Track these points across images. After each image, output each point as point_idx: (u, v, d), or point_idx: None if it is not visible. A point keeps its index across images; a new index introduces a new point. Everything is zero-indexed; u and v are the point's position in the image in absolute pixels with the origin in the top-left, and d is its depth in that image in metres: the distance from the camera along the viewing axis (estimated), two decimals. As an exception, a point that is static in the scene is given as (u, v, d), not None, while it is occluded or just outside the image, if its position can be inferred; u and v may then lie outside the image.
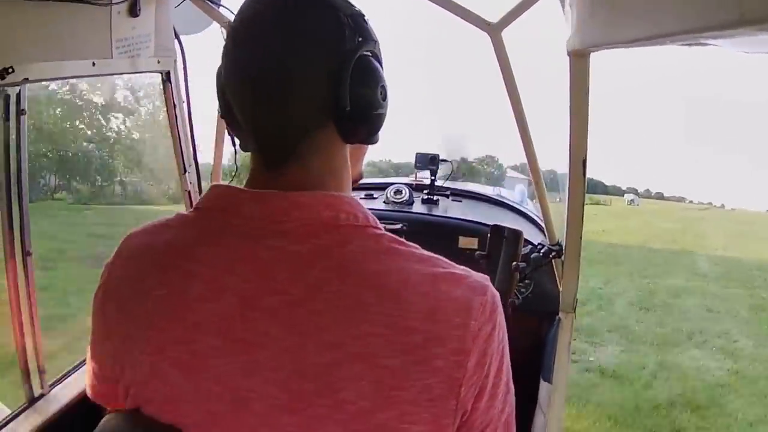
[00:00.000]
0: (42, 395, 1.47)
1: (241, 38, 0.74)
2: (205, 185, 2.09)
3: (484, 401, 0.71)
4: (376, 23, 0.80)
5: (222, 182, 0.78)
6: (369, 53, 0.76)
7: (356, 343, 0.65)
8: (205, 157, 2.16)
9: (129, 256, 0.77)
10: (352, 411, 0.65)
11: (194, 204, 0.78)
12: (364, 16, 0.76)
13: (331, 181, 0.76)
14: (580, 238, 1.74)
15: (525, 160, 1.84)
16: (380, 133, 0.80)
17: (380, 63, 0.78)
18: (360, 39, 0.74)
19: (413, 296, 0.67)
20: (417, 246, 0.74)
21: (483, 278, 0.74)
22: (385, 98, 0.77)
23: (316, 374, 0.65)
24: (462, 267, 0.74)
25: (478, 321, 0.69)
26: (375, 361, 0.65)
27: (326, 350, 0.65)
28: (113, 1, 1.41)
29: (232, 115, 0.77)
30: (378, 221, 0.75)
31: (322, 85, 0.72)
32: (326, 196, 0.73)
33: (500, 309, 0.73)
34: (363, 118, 0.75)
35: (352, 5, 0.76)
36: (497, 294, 0.73)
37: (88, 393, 0.84)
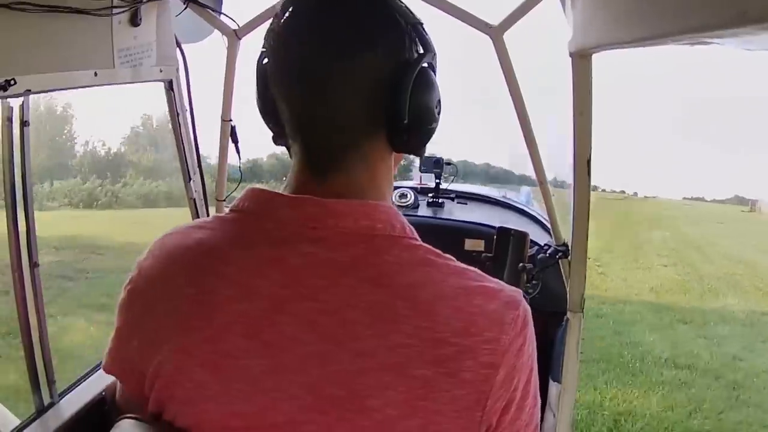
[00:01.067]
0: (52, 404, 1.47)
1: (296, 32, 0.71)
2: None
3: (510, 413, 0.71)
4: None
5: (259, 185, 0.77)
6: (428, 65, 0.75)
7: (387, 353, 0.65)
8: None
9: (160, 255, 0.77)
10: (378, 418, 0.65)
11: (231, 207, 0.78)
12: (423, 25, 0.75)
13: (372, 189, 0.76)
14: (587, 237, 1.73)
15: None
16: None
17: (436, 75, 0.77)
18: (421, 50, 0.74)
19: (447, 309, 0.68)
20: (452, 258, 0.74)
21: (515, 292, 0.73)
22: (440, 112, 0.77)
23: (343, 381, 0.66)
24: (495, 280, 0.74)
25: (509, 336, 0.69)
26: (405, 371, 0.65)
27: (356, 358, 0.66)
28: (114, 11, 1.41)
29: (273, 110, 0.76)
30: (415, 231, 0.75)
31: (379, 94, 0.71)
32: (363, 204, 0.72)
33: (531, 323, 0.73)
34: (418, 131, 0.75)
35: (413, 14, 0.75)
36: (528, 308, 0.73)
37: (118, 393, 0.83)
